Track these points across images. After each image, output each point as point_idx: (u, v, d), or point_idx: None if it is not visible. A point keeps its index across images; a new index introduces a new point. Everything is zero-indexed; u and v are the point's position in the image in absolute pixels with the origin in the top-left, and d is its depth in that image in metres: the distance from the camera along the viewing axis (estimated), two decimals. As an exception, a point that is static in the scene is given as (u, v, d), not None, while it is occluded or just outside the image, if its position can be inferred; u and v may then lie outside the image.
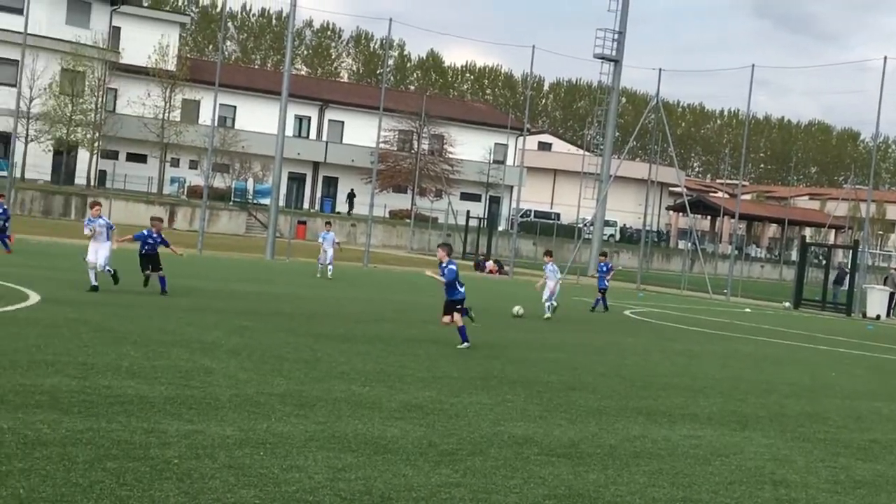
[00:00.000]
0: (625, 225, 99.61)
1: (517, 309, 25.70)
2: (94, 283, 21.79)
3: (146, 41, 77.10)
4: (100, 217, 22.75)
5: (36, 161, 70.37)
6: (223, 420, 9.78)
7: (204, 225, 51.36)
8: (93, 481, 7.31)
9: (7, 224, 33.80)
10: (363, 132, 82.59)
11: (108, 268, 22.30)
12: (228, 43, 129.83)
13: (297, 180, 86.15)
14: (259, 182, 78.87)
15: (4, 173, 60.68)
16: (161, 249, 23.33)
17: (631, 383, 15.48)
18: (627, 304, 37.55)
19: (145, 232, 23.26)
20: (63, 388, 10.57)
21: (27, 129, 67.33)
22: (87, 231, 22.45)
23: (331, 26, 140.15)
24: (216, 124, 57.47)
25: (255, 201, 77.76)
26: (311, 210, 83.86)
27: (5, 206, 33.91)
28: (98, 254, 22.19)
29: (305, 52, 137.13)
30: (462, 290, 18.58)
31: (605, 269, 32.73)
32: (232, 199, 77.08)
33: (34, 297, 19.12)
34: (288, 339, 16.61)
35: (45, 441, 8.27)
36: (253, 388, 11.71)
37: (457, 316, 18.26)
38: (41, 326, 15.19)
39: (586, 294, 34.02)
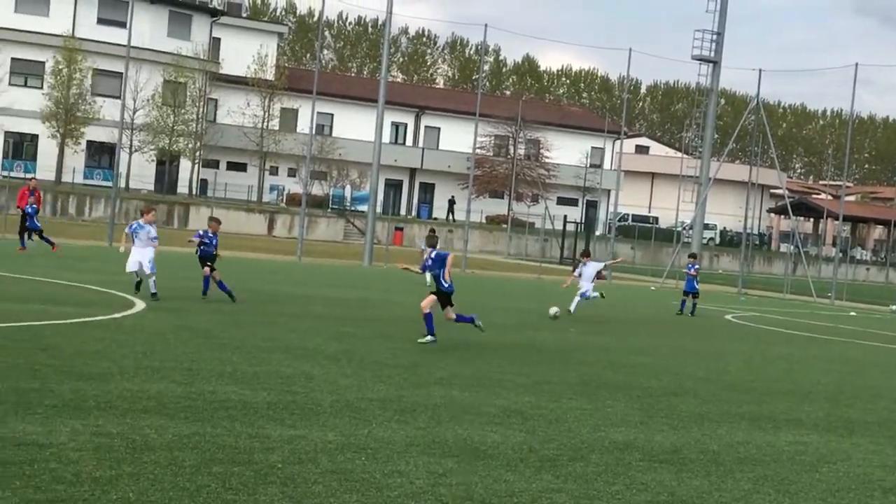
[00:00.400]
0: (725, 228, 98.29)
1: (554, 310, 24.76)
2: (137, 280, 20.93)
3: (245, 51, 78.32)
4: (151, 224, 21.48)
5: (140, 171, 71.93)
6: (325, 425, 9.88)
7: (303, 232, 51.94)
8: (199, 485, 7.43)
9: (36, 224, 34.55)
10: (459, 138, 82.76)
11: (153, 278, 20.74)
12: (325, 52, 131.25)
13: (393, 187, 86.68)
14: (356, 189, 79.53)
15: (110, 183, 62.12)
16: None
17: (733, 388, 15.27)
18: (729, 308, 37.03)
19: (201, 232, 22.53)
20: (169, 393, 10.77)
21: (131, 140, 68.85)
22: (127, 230, 21.28)
23: (426, 33, 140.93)
24: (314, 132, 58.11)
25: (352, 208, 78.43)
26: (408, 216, 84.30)
27: (36, 207, 34.89)
28: (143, 261, 20.79)
29: (401, 59, 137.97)
30: (447, 284, 17.35)
31: (691, 270, 31.84)
32: (330, 206, 77.84)
33: (139, 305, 19.52)
34: (387, 345, 16.71)
35: (152, 446, 8.44)
36: (353, 393, 11.81)
37: (449, 310, 17.44)
38: (146, 333, 15.50)
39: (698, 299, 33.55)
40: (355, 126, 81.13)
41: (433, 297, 17.32)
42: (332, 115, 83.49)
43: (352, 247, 63.42)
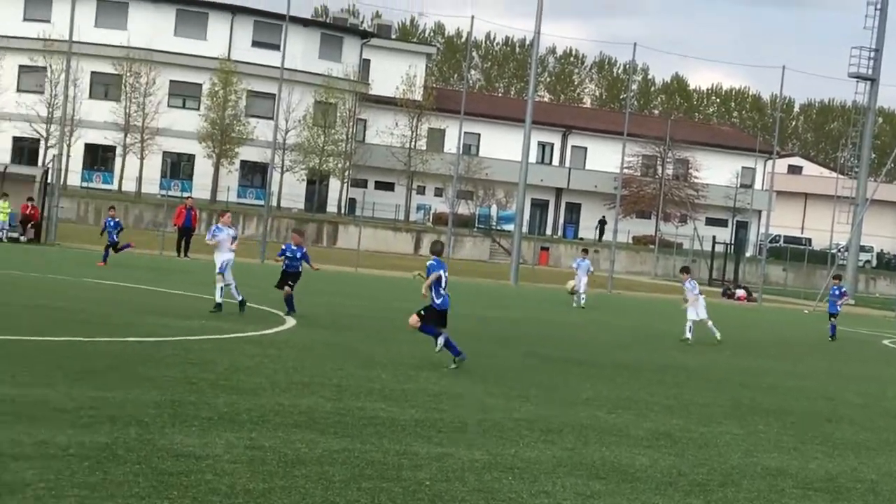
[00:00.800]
0: (882, 250, 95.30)
1: (571, 284, 23.18)
2: (218, 300, 20.06)
3: (394, 72, 79.35)
4: (230, 227, 21.19)
5: (290, 190, 73.48)
6: (472, 444, 9.89)
7: (449, 251, 52.25)
8: (349, 500, 7.52)
9: (117, 237, 35.05)
10: (606, 158, 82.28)
11: (225, 283, 20.25)
12: (473, 72, 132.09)
13: (539, 206, 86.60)
14: (502, 208, 79.68)
15: (262, 202, 63.59)
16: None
17: (892, 415, 14.77)
18: (886, 333, 35.85)
19: (284, 246, 21.91)
20: (319, 408, 10.94)
21: (283, 160, 70.39)
22: (209, 239, 20.98)
23: (574, 52, 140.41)
24: (461, 152, 58.50)
25: (498, 227, 78.60)
26: (554, 236, 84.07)
27: (117, 220, 35.72)
28: (218, 259, 20.57)
29: (548, 79, 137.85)
30: (439, 301, 15.48)
31: (836, 292, 30.75)
32: (476, 225, 78.14)
33: (290, 321, 19.89)
34: (533, 364, 16.67)
35: (303, 460, 8.58)
36: (500, 412, 11.80)
37: (415, 318, 15.52)
38: (297, 349, 15.79)
39: (839, 322, 32.53)
40: (502, 146, 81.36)
41: (416, 317, 15.61)
42: (478, 134, 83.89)
43: (497, 266, 63.51)
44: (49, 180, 46.58)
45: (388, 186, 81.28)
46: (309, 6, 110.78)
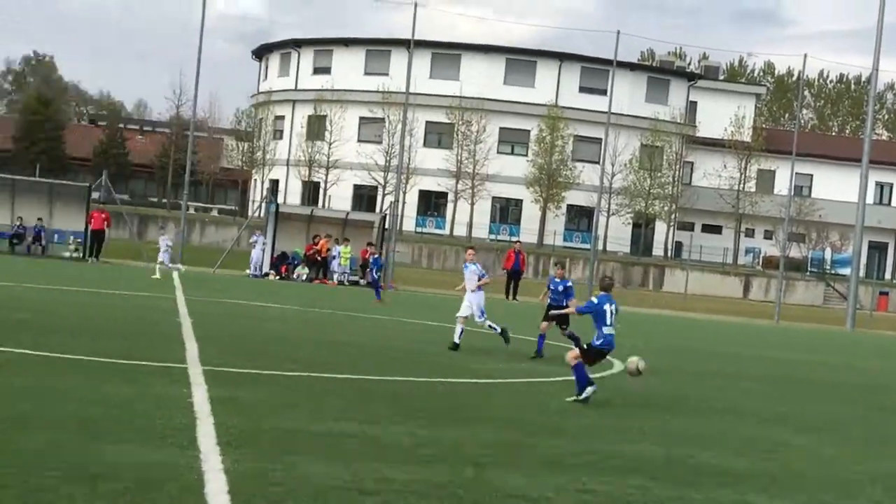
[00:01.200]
0: None
1: (637, 365, 14.60)
2: (455, 340, 19.78)
3: (721, 114, 78.17)
4: (473, 262, 20.81)
5: (616, 234, 73.58)
6: (812, 498, 9.46)
7: (780, 295, 50.66)
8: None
9: (379, 274, 36.90)
10: (952, 197, 77.58)
11: (488, 323, 20.03)
12: (805, 111, 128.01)
13: (877, 249, 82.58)
14: (837, 251, 76.59)
15: (588, 245, 64.02)
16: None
17: None
18: None
19: (548, 279, 21.03)
20: (649, 454, 10.83)
21: (609, 203, 70.67)
22: (470, 283, 20.32)
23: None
24: (792, 194, 56.73)
25: (832, 271, 75.53)
26: (894, 281, 79.82)
27: (377, 256, 37.13)
28: (472, 306, 20.05)
29: (886, 116, 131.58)
30: (599, 342, 14.03)
31: None
32: (808, 269, 75.42)
33: (617, 366, 19.85)
34: (874, 416, 15.86)
35: (634, 506, 8.54)
36: (839, 466, 11.29)
37: (573, 352, 14.09)
38: (624, 394, 15.71)
39: None
40: (836, 186, 78.32)
41: (577, 352, 14.09)
42: (811, 175, 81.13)
43: (832, 312, 60.93)
44: (386, 226, 48.85)
45: (716, 229, 79.93)
46: (635, 50, 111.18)
